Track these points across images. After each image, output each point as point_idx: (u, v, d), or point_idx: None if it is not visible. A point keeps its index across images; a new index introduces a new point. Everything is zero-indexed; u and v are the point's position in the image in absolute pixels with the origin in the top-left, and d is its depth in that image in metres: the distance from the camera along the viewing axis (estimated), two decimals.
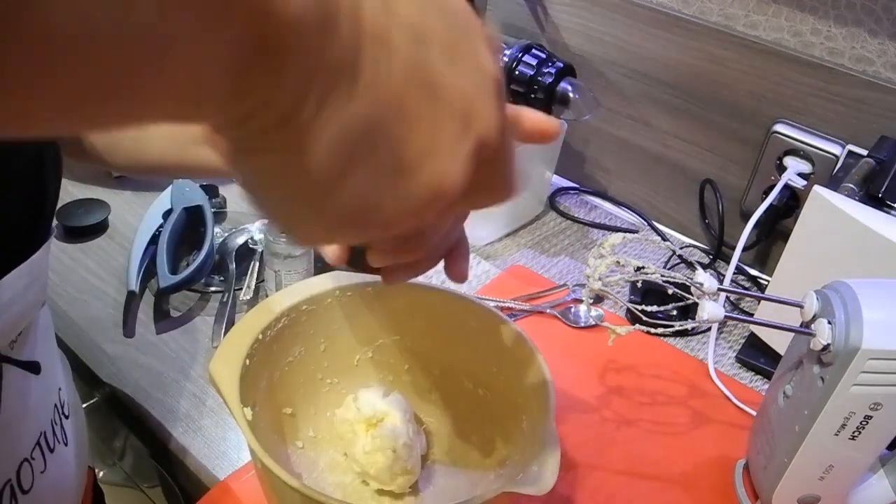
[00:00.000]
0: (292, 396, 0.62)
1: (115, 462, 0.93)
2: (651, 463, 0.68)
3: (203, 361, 0.74)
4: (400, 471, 0.58)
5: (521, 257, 0.94)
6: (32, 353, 0.47)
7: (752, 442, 0.65)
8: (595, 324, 0.82)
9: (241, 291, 0.82)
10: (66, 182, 0.96)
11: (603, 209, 1.05)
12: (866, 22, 0.79)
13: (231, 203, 0.96)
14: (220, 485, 0.62)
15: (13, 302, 0.42)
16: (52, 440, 0.50)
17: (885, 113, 0.79)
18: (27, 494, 0.47)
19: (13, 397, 0.45)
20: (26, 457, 0.47)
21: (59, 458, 0.51)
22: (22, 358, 0.46)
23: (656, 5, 0.91)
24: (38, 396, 0.49)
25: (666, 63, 0.93)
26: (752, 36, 0.86)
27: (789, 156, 0.87)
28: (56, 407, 0.52)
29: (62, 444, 0.52)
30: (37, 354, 0.48)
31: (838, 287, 0.54)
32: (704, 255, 0.98)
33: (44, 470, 0.49)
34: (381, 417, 0.59)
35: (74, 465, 0.54)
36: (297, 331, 0.60)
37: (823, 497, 0.60)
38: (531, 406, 0.56)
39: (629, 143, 1.01)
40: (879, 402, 0.53)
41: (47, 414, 0.50)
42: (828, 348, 0.52)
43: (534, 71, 0.83)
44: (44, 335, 0.50)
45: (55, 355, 0.53)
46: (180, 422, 0.68)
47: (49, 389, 0.51)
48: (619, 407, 0.73)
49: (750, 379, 0.79)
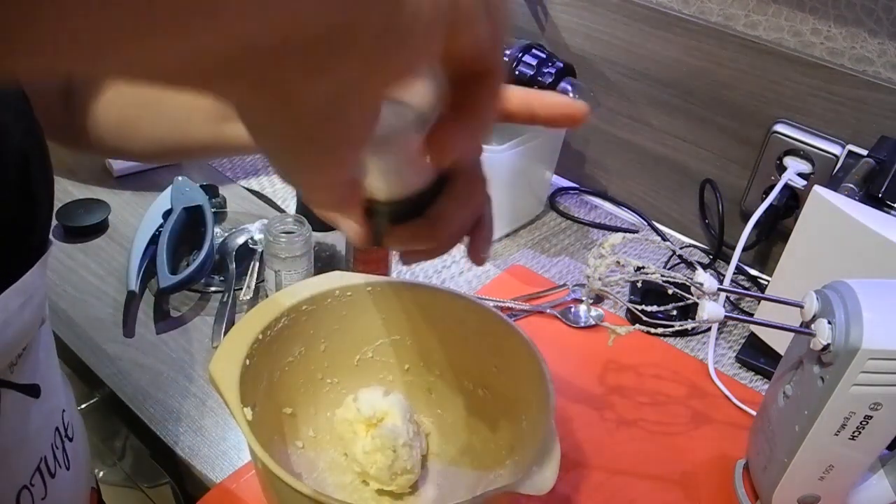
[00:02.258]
0: (292, 396, 0.62)
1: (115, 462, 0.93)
2: (651, 463, 0.68)
3: (203, 361, 0.74)
4: (400, 471, 0.58)
5: (521, 257, 0.94)
6: (34, 375, 0.45)
7: (752, 442, 0.65)
8: (595, 324, 0.82)
9: (241, 291, 0.82)
10: (66, 182, 0.96)
11: (603, 209, 1.05)
12: (866, 22, 0.79)
13: (231, 203, 0.96)
14: (220, 485, 0.62)
15: (7, 324, 0.40)
16: (52, 465, 0.48)
17: (885, 113, 0.79)
18: None
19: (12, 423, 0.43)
20: (25, 484, 0.45)
21: (60, 483, 0.49)
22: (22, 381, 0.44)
23: (656, 5, 0.91)
24: (39, 420, 0.47)
25: (666, 63, 0.93)
26: (752, 36, 0.86)
27: (789, 156, 0.87)
28: (58, 430, 0.50)
29: (63, 469, 0.50)
30: (38, 376, 0.46)
31: (838, 287, 0.54)
32: (704, 255, 0.98)
33: (44, 496, 0.47)
34: (381, 417, 0.59)
35: (76, 489, 0.53)
36: (297, 331, 0.60)
37: (823, 497, 0.60)
38: (531, 406, 0.56)
39: (629, 143, 1.01)
40: (879, 402, 0.53)
41: (48, 438, 0.48)
42: (828, 348, 0.52)
43: (534, 71, 0.83)
44: (46, 355, 0.48)
45: (57, 376, 0.51)
46: (180, 422, 0.68)
47: (51, 413, 0.49)
48: (619, 407, 0.73)
49: (750, 379, 0.79)
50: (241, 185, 1.01)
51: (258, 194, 1.00)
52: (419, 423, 0.63)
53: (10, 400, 0.43)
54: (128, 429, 0.75)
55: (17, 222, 0.41)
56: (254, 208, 0.97)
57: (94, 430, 0.92)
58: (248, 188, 1.01)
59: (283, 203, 0.99)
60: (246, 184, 1.01)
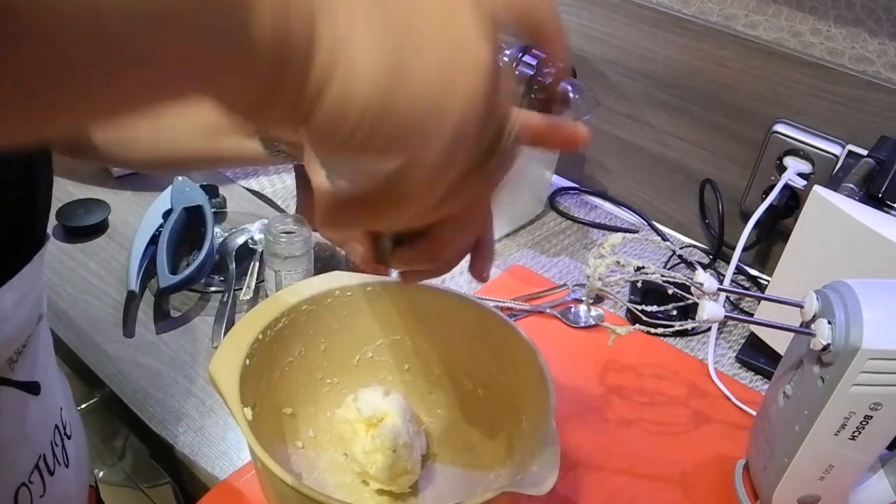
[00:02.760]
0: (292, 396, 0.62)
1: (115, 462, 0.93)
2: (651, 463, 0.68)
3: (203, 361, 0.74)
4: (400, 471, 0.58)
5: (521, 257, 0.94)
6: (33, 372, 0.45)
7: (752, 442, 0.65)
8: (595, 324, 0.82)
9: (241, 291, 0.82)
10: (66, 182, 0.96)
11: (603, 209, 1.05)
12: (866, 22, 0.79)
13: (231, 203, 0.96)
14: (220, 485, 0.62)
15: (4, 320, 0.40)
16: (51, 462, 0.48)
17: (885, 113, 0.79)
18: None
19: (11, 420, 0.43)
20: (24, 482, 0.45)
21: (59, 481, 0.49)
22: (21, 378, 0.44)
23: (656, 5, 0.91)
24: (38, 418, 0.47)
25: (666, 63, 0.93)
26: (752, 36, 0.86)
27: (789, 156, 0.87)
28: (57, 428, 0.50)
29: (62, 466, 0.50)
30: (37, 374, 0.46)
31: (838, 287, 0.54)
32: (704, 255, 0.98)
33: (43, 494, 0.47)
34: (381, 417, 0.59)
35: (75, 486, 0.53)
36: (297, 331, 0.60)
37: (823, 497, 0.60)
38: (531, 406, 0.56)
39: (629, 143, 1.01)
40: (879, 402, 0.53)
41: (47, 436, 0.48)
42: (828, 348, 0.52)
43: (534, 71, 0.83)
44: (44, 353, 0.48)
45: (55, 374, 0.51)
46: (180, 422, 0.68)
47: (50, 410, 0.49)
48: (619, 407, 0.73)
49: (750, 379, 0.79)
50: (241, 185, 1.01)
51: (258, 194, 1.00)
52: (419, 423, 0.63)
53: (9, 397, 0.43)
54: (128, 429, 0.75)
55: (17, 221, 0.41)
56: (254, 208, 0.97)
57: (94, 430, 0.92)
58: (248, 188, 1.01)
59: (283, 203, 0.99)
60: (246, 184, 1.02)
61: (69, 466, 0.51)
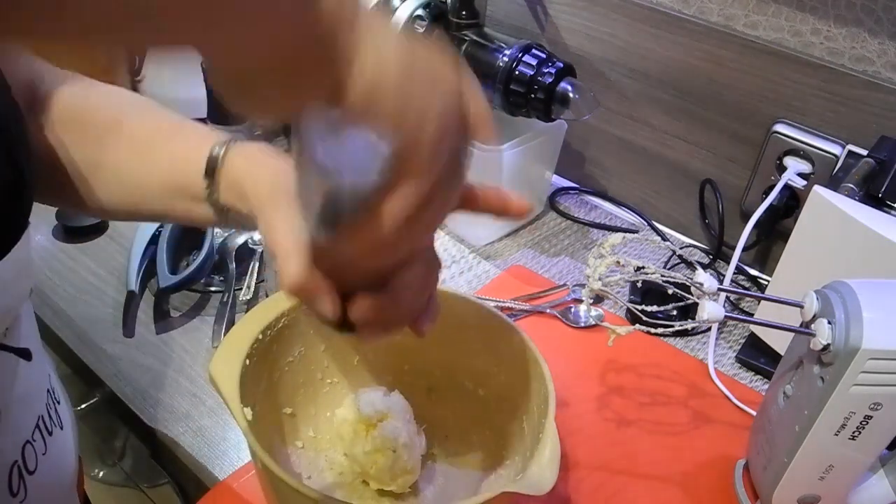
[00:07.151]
0: (292, 396, 0.62)
1: (115, 462, 0.93)
2: (651, 463, 0.68)
3: (203, 361, 0.74)
4: (400, 471, 0.58)
5: (521, 257, 0.94)
6: (26, 340, 0.49)
7: (752, 442, 0.65)
8: (595, 324, 0.82)
9: (241, 291, 0.82)
10: None
11: (603, 209, 1.05)
12: (866, 22, 0.79)
13: None
14: (220, 485, 0.62)
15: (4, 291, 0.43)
16: (49, 423, 0.51)
17: (885, 113, 0.79)
18: (33, 475, 0.48)
19: (11, 381, 0.46)
20: (28, 439, 0.48)
21: (57, 441, 0.52)
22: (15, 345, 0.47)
23: (656, 5, 0.91)
24: (33, 381, 0.50)
25: (666, 63, 0.93)
26: (752, 36, 0.86)
27: (789, 156, 0.87)
28: (49, 392, 0.53)
29: (58, 428, 0.53)
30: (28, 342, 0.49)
31: (838, 287, 0.54)
32: (704, 255, 0.98)
33: (45, 452, 0.50)
34: (381, 417, 0.59)
35: (70, 448, 0.56)
36: (297, 331, 0.60)
37: (823, 497, 0.60)
38: (531, 406, 0.56)
39: (629, 143, 1.01)
40: (879, 402, 0.53)
41: (42, 398, 0.51)
42: (828, 348, 0.52)
43: (534, 71, 0.83)
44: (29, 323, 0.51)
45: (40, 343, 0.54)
46: (180, 422, 0.68)
47: (42, 375, 0.52)
48: (619, 407, 0.73)
49: (750, 379, 0.79)
50: None
51: None
52: (419, 423, 0.63)
53: (6, 361, 0.46)
54: (128, 429, 0.75)
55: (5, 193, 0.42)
56: None
57: (94, 430, 0.92)
58: None
59: None
60: None
61: (63, 429, 0.54)
